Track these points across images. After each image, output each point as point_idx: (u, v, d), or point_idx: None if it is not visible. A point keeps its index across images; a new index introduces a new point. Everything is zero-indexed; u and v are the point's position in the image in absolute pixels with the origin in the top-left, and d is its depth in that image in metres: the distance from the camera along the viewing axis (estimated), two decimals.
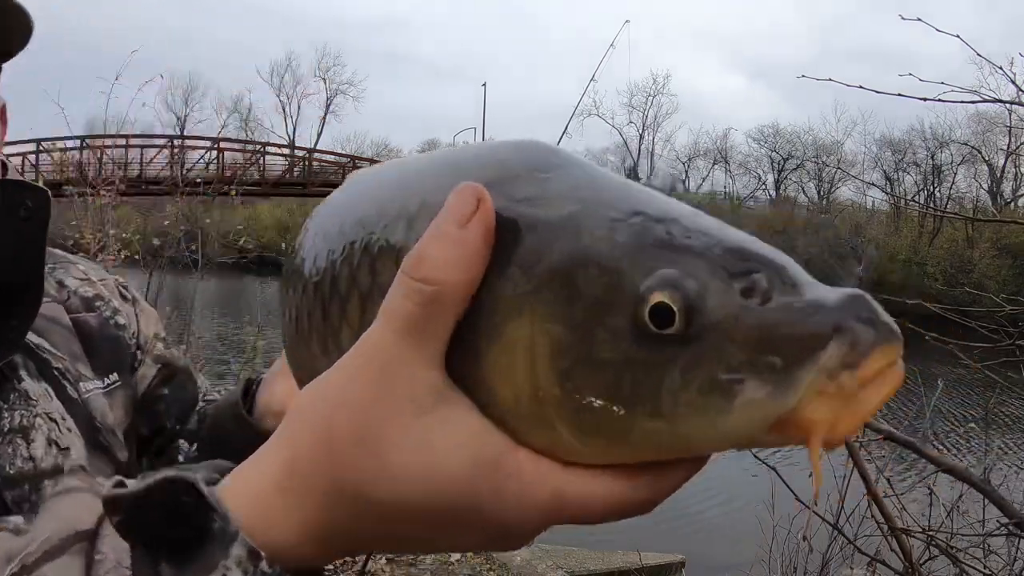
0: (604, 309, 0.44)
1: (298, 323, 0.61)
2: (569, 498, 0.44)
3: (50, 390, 0.83)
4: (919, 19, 2.51)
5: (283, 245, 4.72)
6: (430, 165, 0.57)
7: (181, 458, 1.02)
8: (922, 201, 33.39)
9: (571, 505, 0.44)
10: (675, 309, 0.43)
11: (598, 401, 0.44)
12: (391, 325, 0.44)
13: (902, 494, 2.72)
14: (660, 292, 0.43)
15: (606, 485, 0.44)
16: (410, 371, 0.44)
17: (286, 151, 38.04)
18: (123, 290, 1.03)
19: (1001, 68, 2.59)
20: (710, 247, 0.45)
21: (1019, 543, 2.57)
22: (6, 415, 0.77)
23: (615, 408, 0.43)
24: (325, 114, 52.68)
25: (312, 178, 33.33)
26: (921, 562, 2.32)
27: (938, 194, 34.63)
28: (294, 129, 52.91)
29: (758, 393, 0.41)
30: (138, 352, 1.00)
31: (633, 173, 43.99)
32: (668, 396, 0.43)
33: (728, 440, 0.44)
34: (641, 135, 43.80)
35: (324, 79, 52.90)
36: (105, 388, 0.90)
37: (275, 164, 34.97)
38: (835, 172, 37.10)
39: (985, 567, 2.36)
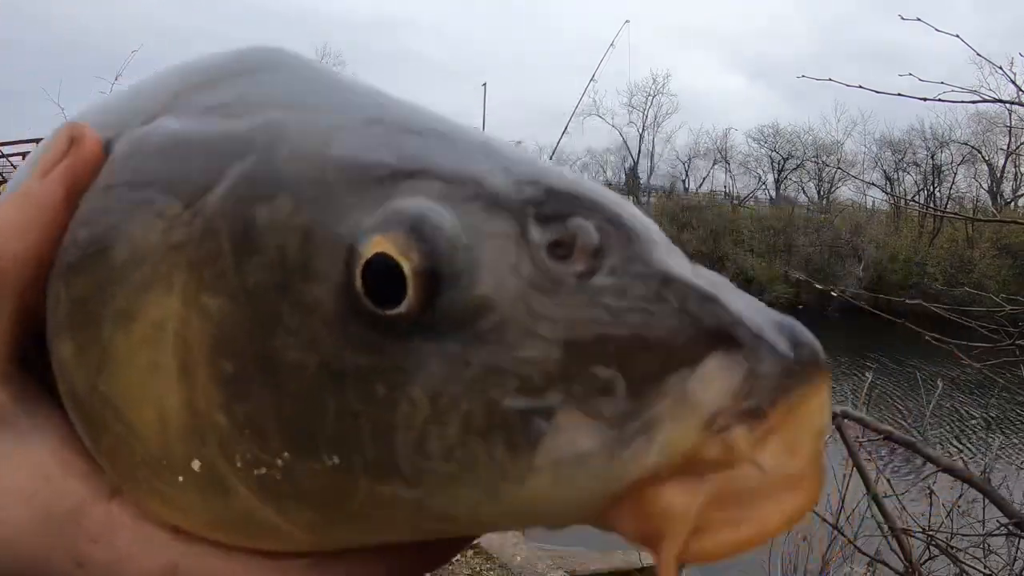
0: (295, 272, 0.27)
1: None
2: None
3: None
4: (919, 19, 2.51)
5: None
6: (151, 79, 0.41)
7: None
8: (922, 201, 33.37)
9: None
10: (405, 268, 0.25)
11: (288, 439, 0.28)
12: None
13: (902, 494, 2.72)
14: (383, 235, 0.26)
15: (252, 567, 0.31)
16: None
17: None
18: None
19: (1001, 68, 2.60)
20: (491, 171, 0.28)
21: (1019, 543, 2.57)
22: None
23: (320, 454, 0.27)
24: None
25: None
26: (921, 562, 2.32)
27: (938, 194, 34.61)
28: None
29: (576, 444, 0.24)
30: None
31: (633, 173, 43.99)
32: (405, 439, 0.26)
33: (517, 519, 0.27)
34: (641, 135, 43.80)
35: None
36: None
37: None
38: (835, 172, 37.11)
39: (985, 567, 2.36)
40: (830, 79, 2.60)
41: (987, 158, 34.90)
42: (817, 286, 3.56)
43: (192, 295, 0.29)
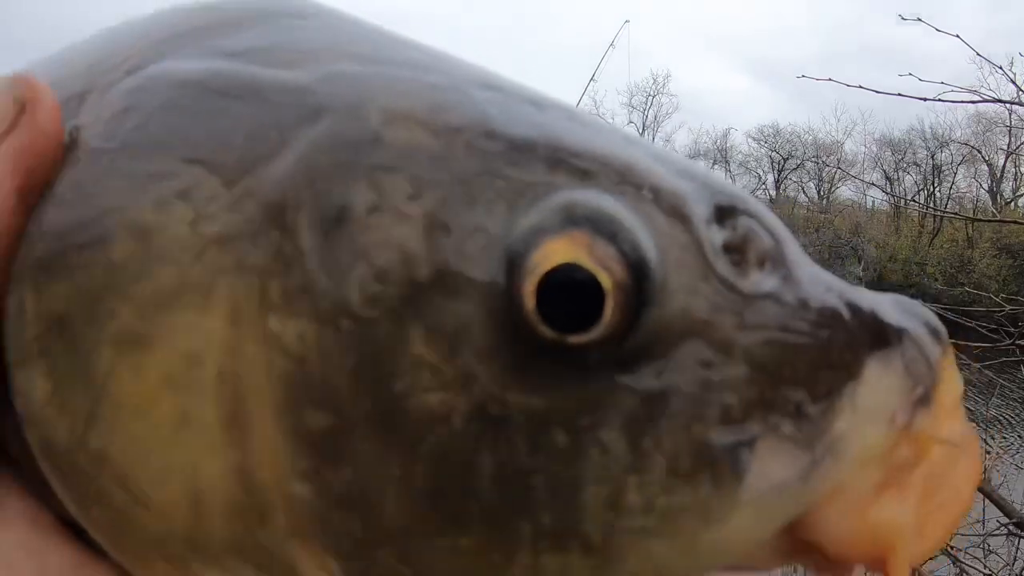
0: (426, 285, 0.20)
1: None
2: None
3: None
4: (919, 19, 2.51)
5: None
6: (123, 24, 0.31)
7: None
8: (922, 201, 33.37)
9: None
10: (604, 282, 0.20)
11: (420, 513, 0.21)
12: None
13: None
14: (565, 238, 0.20)
15: None
16: None
17: None
18: None
19: (1001, 68, 2.60)
20: (650, 161, 0.23)
21: (1019, 543, 2.57)
22: None
23: (463, 528, 0.21)
24: None
25: None
26: (921, 562, 2.32)
27: (938, 194, 34.59)
28: None
29: (777, 473, 0.22)
30: None
31: None
32: (595, 495, 0.21)
33: (705, 565, 0.23)
34: (641, 135, 43.81)
35: None
36: None
37: None
38: (835, 172, 37.11)
39: (985, 567, 2.36)
40: (830, 79, 2.60)
41: (987, 158, 34.90)
42: None
43: (250, 316, 0.21)
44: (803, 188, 40.69)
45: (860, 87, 2.56)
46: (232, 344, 0.21)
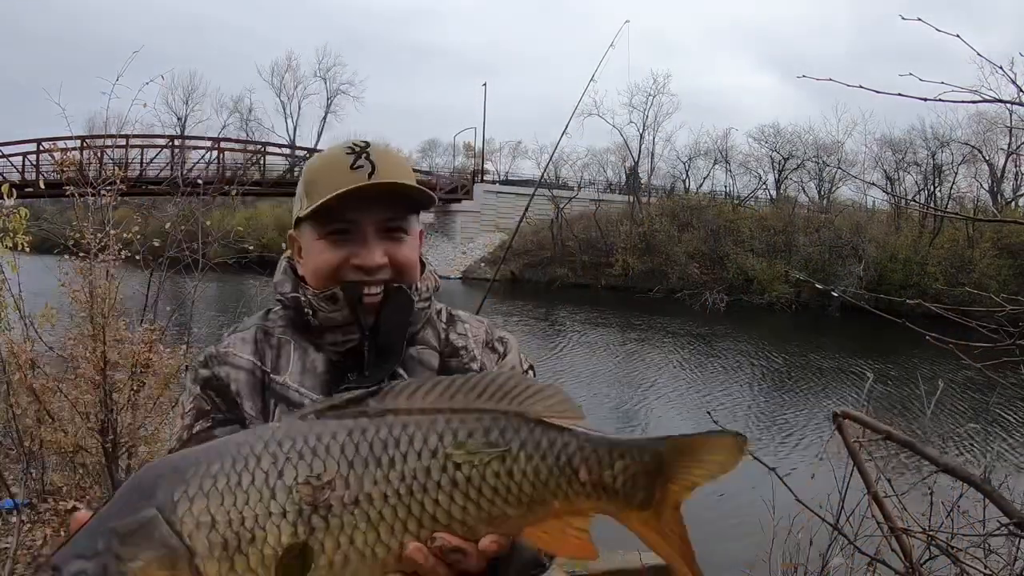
0: None
1: None
2: None
3: None
4: (919, 19, 2.50)
5: (283, 245, 4.70)
6: None
7: None
8: (923, 201, 33.38)
9: None
10: None
11: None
12: None
13: (902, 494, 2.72)
14: None
15: None
16: None
17: (286, 151, 38.01)
18: (497, 343, 1.37)
19: (1001, 68, 2.59)
20: None
21: (1019, 543, 2.57)
22: None
23: None
24: (325, 114, 52.66)
25: None
26: (921, 562, 2.32)
27: (938, 194, 34.60)
28: (295, 129, 52.90)
29: None
30: None
31: (633, 173, 43.96)
32: None
33: None
34: (641, 135, 43.75)
35: (324, 79, 52.88)
36: None
37: (276, 164, 34.97)
38: (836, 172, 37.09)
39: (985, 567, 2.36)
40: (830, 79, 2.60)
41: (988, 158, 34.90)
42: (817, 286, 3.56)
43: None
44: (803, 188, 40.66)
45: (860, 87, 2.55)
46: None
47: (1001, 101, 2.75)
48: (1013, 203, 35.04)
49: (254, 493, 0.82)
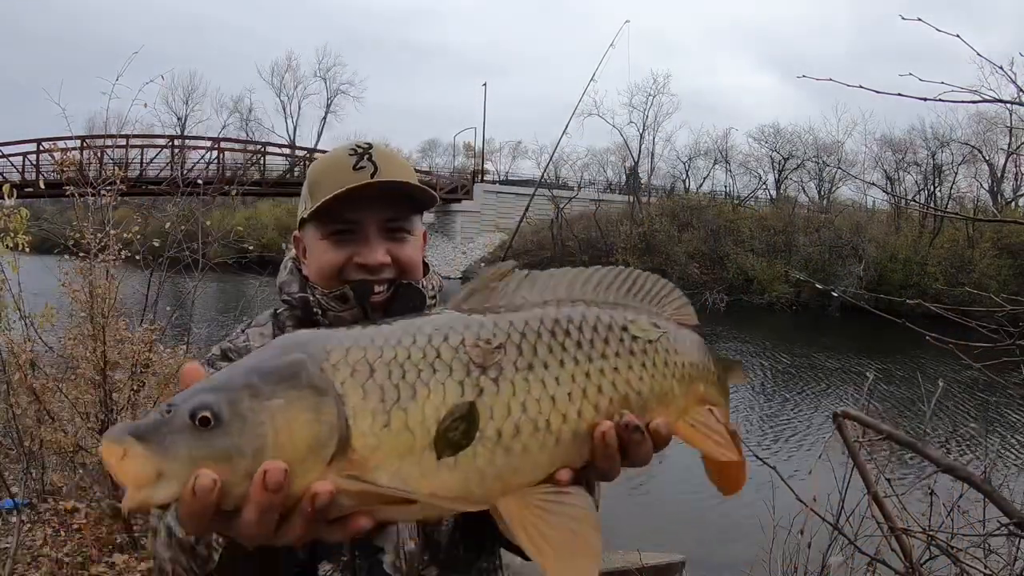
0: None
1: None
2: None
3: None
4: (919, 19, 2.50)
5: (284, 245, 4.70)
6: None
7: None
8: (923, 201, 33.36)
9: None
10: None
11: None
12: None
13: (902, 494, 2.72)
14: None
15: None
16: None
17: (286, 151, 38.00)
18: None
19: (1001, 68, 2.59)
20: None
21: (1019, 543, 2.57)
22: None
23: None
24: (325, 114, 52.67)
25: None
26: (921, 562, 2.32)
27: (939, 194, 34.60)
28: (295, 129, 52.90)
29: None
30: None
31: (633, 173, 43.95)
32: None
33: None
34: (641, 135, 43.73)
35: (324, 79, 52.87)
36: None
37: (276, 164, 34.96)
38: (836, 172, 37.10)
39: (985, 567, 2.36)
40: (830, 79, 2.60)
41: (988, 158, 34.90)
42: (817, 286, 3.56)
43: None
44: (803, 188, 40.66)
45: (860, 87, 2.55)
46: None
47: (1001, 101, 2.75)
48: (1013, 203, 35.04)
49: (416, 350, 0.74)
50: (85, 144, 15.06)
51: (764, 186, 41.34)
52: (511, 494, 0.73)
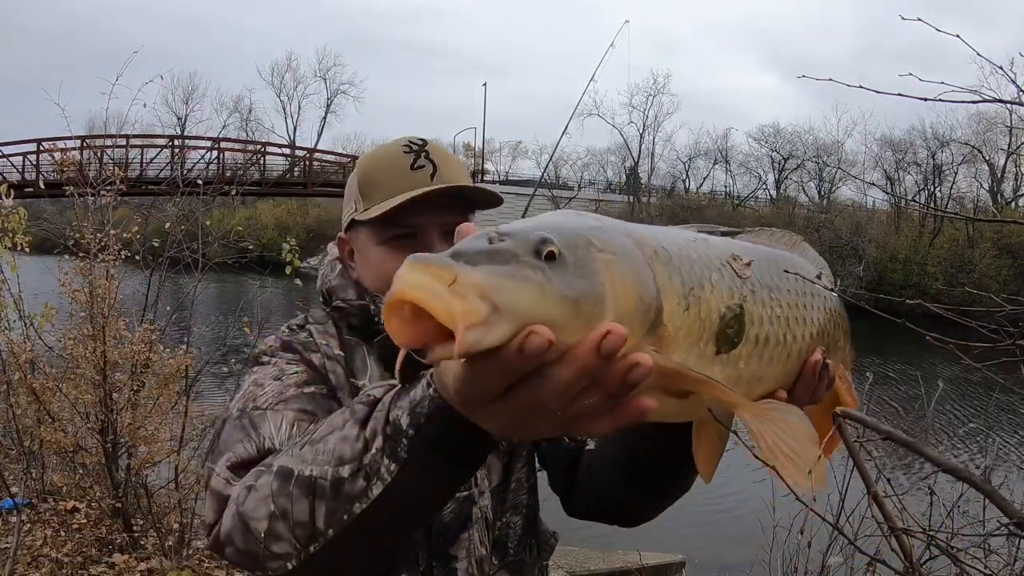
0: None
1: None
2: None
3: None
4: (919, 19, 2.50)
5: (283, 245, 4.71)
6: None
7: None
8: (923, 201, 33.37)
9: None
10: None
11: None
12: None
13: (902, 494, 2.72)
14: None
15: None
16: None
17: (286, 151, 38.01)
18: None
19: (1001, 68, 2.59)
20: None
21: (1020, 543, 2.57)
22: None
23: None
24: (325, 114, 52.67)
25: (312, 178, 33.32)
26: (921, 562, 2.32)
27: (939, 194, 34.62)
28: (295, 129, 52.91)
29: None
30: None
31: (633, 173, 43.94)
32: None
33: None
34: (641, 135, 43.75)
35: (324, 79, 52.87)
36: None
37: (276, 164, 34.97)
38: (836, 172, 37.11)
39: (985, 567, 2.36)
40: (830, 79, 2.60)
41: (988, 158, 34.91)
42: (817, 285, 3.55)
43: None
44: (803, 188, 40.69)
45: (860, 87, 2.55)
46: None
47: (1001, 101, 2.75)
48: (1013, 203, 35.04)
49: (694, 253, 0.75)
50: (85, 144, 15.05)
51: (764, 186, 41.38)
52: (746, 404, 0.75)
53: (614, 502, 1.19)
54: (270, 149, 36.22)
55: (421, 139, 1.20)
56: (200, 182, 6.18)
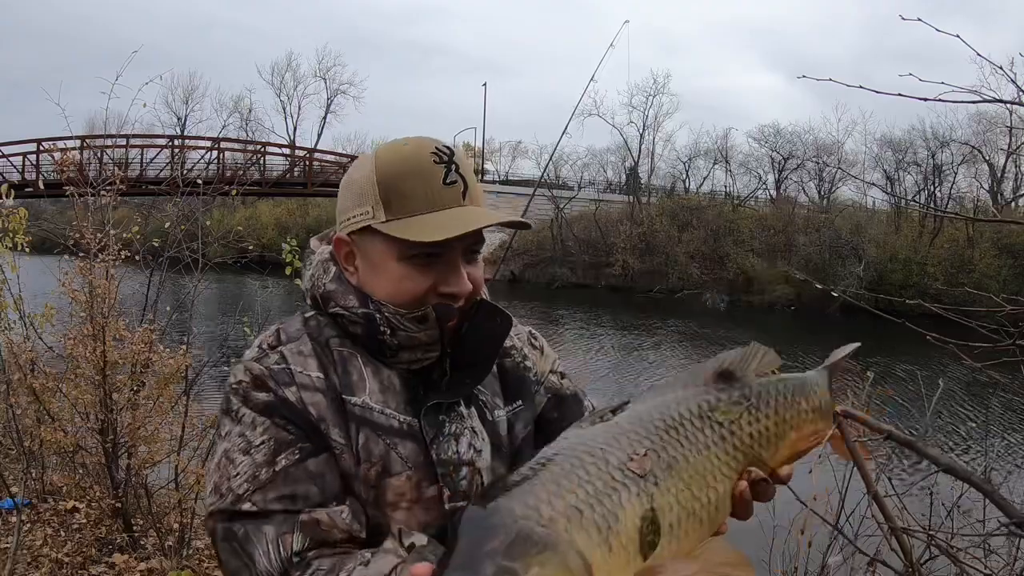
0: None
1: None
2: None
3: (475, 413, 1.21)
4: (919, 19, 2.50)
5: (283, 245, 4.71)
6: None
7: None
8: (923, 201, 33.37)
9: None
10: None
11: None
12: None
13: (902, 494, 2.73)
14: None
15: None
16: None
17: (287, 151, 38.00)
18: (532, 339, 1.40)
19: (1001, 68, 2.59)
20: None
21: (1019, 543, 2.57)
22: (447, 425, 1.17)
23: None
24: (325, 114, 52.65)
25: (312, 178, 33.33)
26: (921, 562, 2.32)
27: (939, 194, 34.60)
28: (295, 129, 52.89)
29: None
30: (536, 385, 1.35)
31: (633, 173, 43.95)
32: None
33: None
34: (641, 135, 43.75)
35: (324, 79, 52.86)
36: (511, 411, 1.28)
37: (276, 164, 34.98)
38: (835, 172, 37.08)
39: (986, 567, 2.36)
40: (830, 79, 2.60)
41: (988, 158, 34.88)
42: (818, 286, 3.56)
43: None
44: (803, 188, 40.62)
45: (860, 87, 2.55)
46: None
47: (1001, 101, 2.75)
48: (1013, 203, 35.03)
49: (598, 481, 0.84)
50: (85, 144, 15.06)
51: (764, 186, 41.35)
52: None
53: None
54: (270, 149, 36.23)
55: (448, 147, 1.15)
56: (200, 182, 6.17)
